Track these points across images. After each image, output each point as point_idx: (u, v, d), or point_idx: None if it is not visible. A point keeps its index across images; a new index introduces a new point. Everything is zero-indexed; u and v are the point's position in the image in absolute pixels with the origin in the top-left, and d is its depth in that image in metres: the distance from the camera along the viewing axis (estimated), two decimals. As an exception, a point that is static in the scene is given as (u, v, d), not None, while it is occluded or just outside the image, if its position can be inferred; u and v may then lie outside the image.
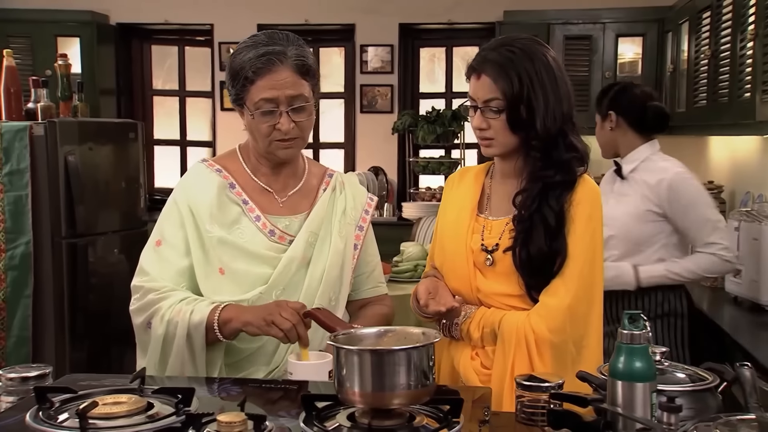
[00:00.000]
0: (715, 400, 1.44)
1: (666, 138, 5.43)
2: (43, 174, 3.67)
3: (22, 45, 5.74)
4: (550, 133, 1.81)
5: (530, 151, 1.84)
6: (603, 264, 1.86)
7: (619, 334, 1.31)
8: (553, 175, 1.82)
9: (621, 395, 1.29)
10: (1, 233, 3.63)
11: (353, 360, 1.32)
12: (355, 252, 2.03)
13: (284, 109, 1.87)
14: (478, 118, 1.85)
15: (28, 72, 5.14)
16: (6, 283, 3.64)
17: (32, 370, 1.55)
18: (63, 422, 1.35)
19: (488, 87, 1.82)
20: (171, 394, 1.45)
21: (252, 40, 1.92)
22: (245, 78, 1.86)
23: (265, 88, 1.86)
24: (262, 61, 1.86)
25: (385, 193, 5.93)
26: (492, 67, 1.81)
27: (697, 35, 4.28)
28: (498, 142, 1.86)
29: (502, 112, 1.81)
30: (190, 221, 1.91)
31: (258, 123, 1.89)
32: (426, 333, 1.40)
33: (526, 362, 1.79)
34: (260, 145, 1.94)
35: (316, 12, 6.05)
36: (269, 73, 1.85)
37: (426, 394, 1.35)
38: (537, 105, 1.80)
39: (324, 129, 6.41)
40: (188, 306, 1.81)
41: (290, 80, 1.87)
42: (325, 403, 1.39)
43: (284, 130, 1.87)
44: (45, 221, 3.69)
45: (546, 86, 1.80)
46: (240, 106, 1.93)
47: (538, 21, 5.49)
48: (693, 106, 4.37)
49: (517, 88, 1.79)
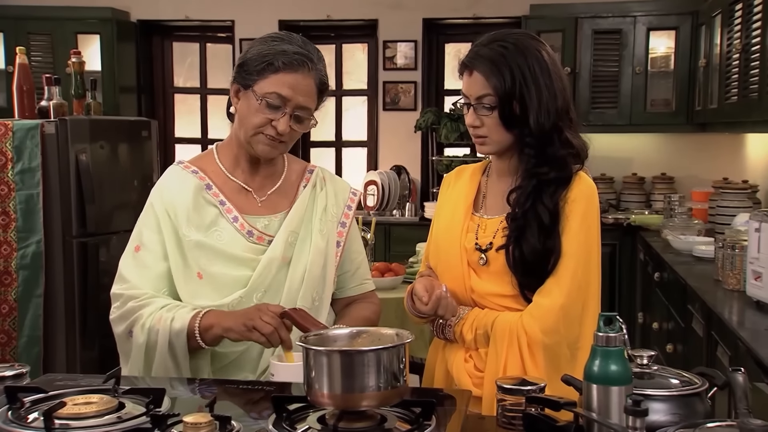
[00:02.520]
0: (703, 406, 1.42)
1: (698, 136, 5.44)
2: (54, 172, 3.72)
3: (43, 42, 5.86)
4: (544, 130, 1.80)
5: (524, 148, 1.83)
6: (599, 264, 1.84)
7: (594, 336, 1.29)
8: (548, 171, 1.81)
9: (596, 399, 1.28)
10: (12, 232, 3.70)
11: (322, 361, 1.32)
12: (338, 249, 2.02)
13: (289, 112, 1.88)
14: (471, 116, 1.85)
15: (48, 70, 5.24)
16: (17, 282, 3.70)
17: (8, 370, 1.57)
18: (32, 422, 1.37)
19: (480, 84, 1.81)
20: (143, 395, 1.46)
21: (287, 35, 1.94)
22: (270, 64, 1.86)
23: (285, 84, 1.86)
24: (296, 58, 1.87)
25: (407, 192, 5.93)
26: (483, 63, 1.81)
27: (729, 28, 4.21)
28: (492, 140, 1.85)
29: (495, 109, 1.81)
30: (167, 225, 1.92)
31: (257, 111, 1.89)
32: (399, 334, 1.40)
33: (518, 364, 1.78)
34: (245, 133, 1.93)
35: (339, 7, 6.07)
36: (295, 73, 1.87)
37: (397, 396, 1.35)
38: (530, 101, 1.79)
39: (346, 127, 6.43)
40: (169, 313, 1.82)
41: (309, 89, 1.89)
42: (296, 405, 1.40)
43: (280, 130, 1.88)
44: (56, 220, 3.74)
45: (539, 82, 1.79)
46: (244, 88, 1.91)
47: (565, 15, 5.45)
48: (724, 102, 4.30)
49: (509, 84, 1.78)
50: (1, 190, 3.67)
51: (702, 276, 3.35)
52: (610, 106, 5.46)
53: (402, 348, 1.34)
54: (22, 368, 1.59)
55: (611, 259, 5.05)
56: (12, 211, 3.69)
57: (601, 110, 5.46)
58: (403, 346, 1.35)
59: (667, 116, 5.43)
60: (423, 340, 2.94)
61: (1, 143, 3.65)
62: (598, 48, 5.43)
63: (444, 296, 1.81)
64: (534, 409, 1.41)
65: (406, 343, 1.35)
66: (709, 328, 2.87)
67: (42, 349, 3.73)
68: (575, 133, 1.86)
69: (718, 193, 4.64)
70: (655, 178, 5.64)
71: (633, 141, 5.74)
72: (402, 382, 1.34)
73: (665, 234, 4.42)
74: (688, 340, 3.32)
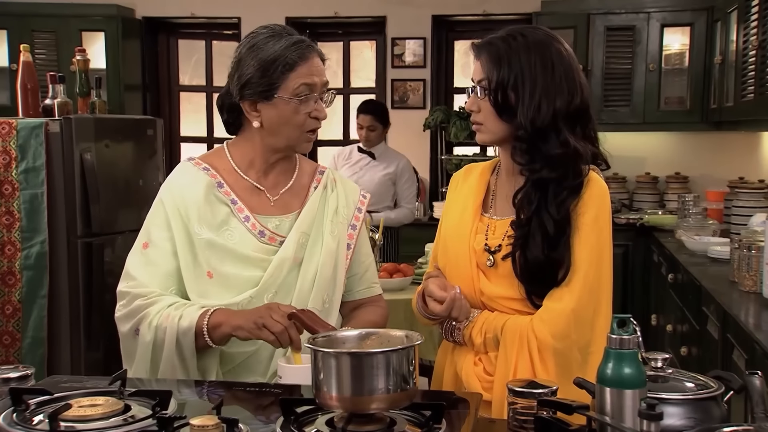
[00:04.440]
0: (719, 410, 1.41)
1: (713, 134, 5.42)
2: (58, 172, 3.73)
3: (47, 40, 5.89)
4: (535, 126, 1.80)
5: (515, 141, 1.84)
6: (611, 267, 1.83)
7: (607, 338, 1.29)
8: (540, 169, 1.80)
9: (609, 402, 1.28)
10: (17, 232, 3.72)
11: (330, 363, 1.33)
12: (348, 252, 2.03)
13: (318, 96, 1.92)
14: (471, 99, 1.89)
15: (52, 68, 5.26)
16: (22, 282, 3.72)
17: (13, 371, 1.58)
18: (37, 425, 1.37)
19: (480, 68, 1.87)
20: (149, 397, 1.47)
21: (270, 31, 1.94)
22: (285, 65, 1.88)
23: (306, 74, 1.89)
24: (300, 47, 1.90)
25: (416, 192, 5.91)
26: (488, 51, 1.85)
27: (745, 24, 4.20)
28: (486, 128, 1.88)
29: (488, 95, 1.83)
30: (177, 222, 1.92)
31: (295, 112, 1.90)
32: (409, 336, 1.40)
33: (528, 369, 1.78)
34: (288, 139, 1.94)
35: (346, 4, 6.08)
36: (308, 60, 1.91)
37: (406, 399, 1.35)
38: (523, 94, 1.80)
39: (354, 126, 6.41)
40: (177, 311, 1.82)
41: (321, 67, 1.95)
42: (304, 408, 1.40)
43: (322, 117, 1.93)
44: (60, 220, 3.75)
45: (537, 78, 1.80)
46: (268, 99, 1.90)
47: (577, 11, 5.44)
48: (741, 100, 4.29)
49: (505, 73, 1.81)
50: (5, 189, 3.69)
51: (717, 277, 3.34)
52: (622, 105, 5.45)
53: (411, 350, 1.34)
54: (27, 370, 1.59)
55: (624, 261, 5.04)
56: (16, 211, 3.70)
57: (613, 108, 5.45)
58: (413, 348, 1.35)
59: (681, 114, 5.42)
60: (432, 343, 2.95)
61: (5, 142, 3.67)
62: (611, 45, 5.42)
63: (458, 298, 1.81)
64: (546, 412, 1.41)
65: (415, 345, 1.35)
66: (725, 331, 2.86)
67: (46, 350, 3.75)
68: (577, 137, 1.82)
69: (733, 193, 4.62)
70: (668, 177, 5.63)
71: (646, 140, 5.72)
72: (411, 385, 1.34)
73: (679, 235, 4.41)
74: (703, 343, 3.31)
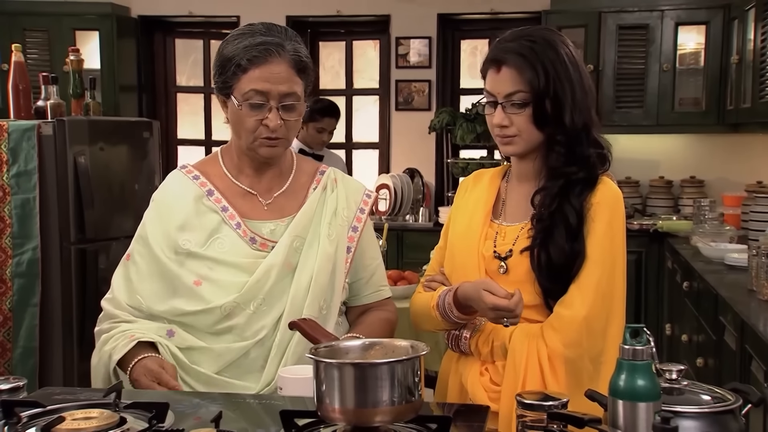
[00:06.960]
0: (736, 423, 1.41)
1: (730, 136, 5.42)
2: (51, 176, 3.73)
3: (39, 39, 5.89)
4: (577, 128, 1.82)
5: (554, 146, 1.84)
6: (624, 273, 1.84)
7: (620, 349, 1.29)
8: (577, 171, 1.83)
9: (622, 416, 1.28)
10: (7, 238, 3.72)
11: (333, 374, 1.33)
12: (348, 255, 2.02)
13: (274, 105, 1.90)
14: (500, 115, 1.84)
15: (45, 68, 5.26)
16: (12, 290, 3.72)
17: (4, 383, 1.58)
18: (28, 438, 1.38)
19: (511, 80, 1.82)
20: (146, 409, 1.47)
21: (248, 28, 1.95)
22: (237, 65, 1.89)
23: (258, 80, 1.88)
24: (259, 50, 1.88)
25: (421, 196, 5.94)
26: (514, 59, 1.81)
27: (764, 23, 4.20)
28: (522, 138, 1.85)
29: (527, 106, 1.81)
30: (157, 237, 1.96)
31: (244, 116, 1.91)
32: (414, 346, 1.40)
33: (538, 379, 1.78)
34: (243, 141, 1.96)
35: (349, 2, 6.10)
36: (264, 64, 1.88)
37: (411, 411, 1.35)
38: (564, 97, 1.80)
39: (357, 128, 6.45)
40: (111, 345, 1.93)
41: (285, 75, 1.89)
42: (306, 421, 1.41)
43: (272, 127, 1.90)
44: (53, 225, 3.75)
45: (571, 77, 1.81)
46: (226, 96, 1.94)
47: (588, 9, 5.45)
48: (758, 101, 4.29)
49: (543, 80, 1.79)
50: (-4, 194, 3.70)
51: (734, 285, 3.34)
52: (635, 106, 5.45)
53: (417, 360, 1.35)
54: (19, 381, 1.59)
55: (637, 268, 5.03)
56: (7, 216, 3.70)
57: (626, 110, 5.45)
58: (418, 358, 1.35)
59: (696, 116, 5.41)
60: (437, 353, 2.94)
61: (-5, 145, 3.68)
62: (623, 44, 5.42)
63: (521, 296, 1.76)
64: (556, 425, 1.41)
65: (421, 356, 1.36)
66: (743, 341, 2.86)
67: (38, 360, 3.74)
68: (599, 134, 1.88)
69: (751, 198, 4.61)
70: (683, 181, 5.62)
71: (660, 142, 5.72)
72: (417, 397, 1.35)
73: (695, 241, 4.40)
74: (719, 354, 3.30)
